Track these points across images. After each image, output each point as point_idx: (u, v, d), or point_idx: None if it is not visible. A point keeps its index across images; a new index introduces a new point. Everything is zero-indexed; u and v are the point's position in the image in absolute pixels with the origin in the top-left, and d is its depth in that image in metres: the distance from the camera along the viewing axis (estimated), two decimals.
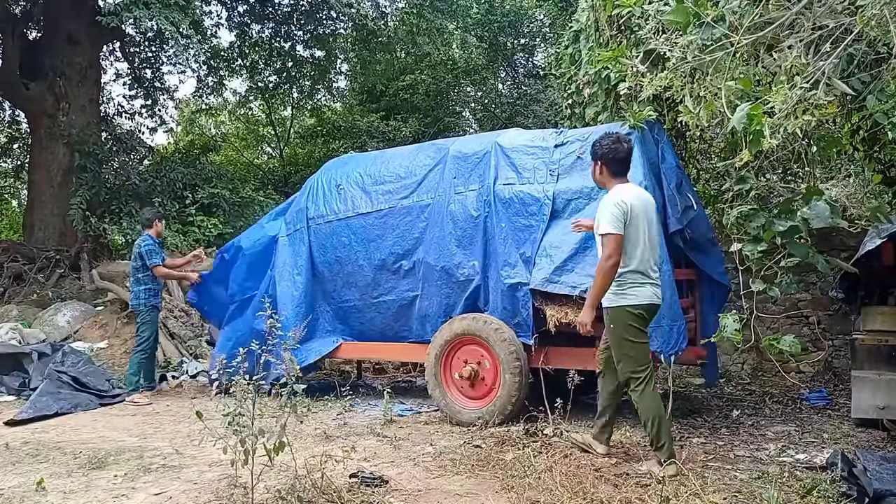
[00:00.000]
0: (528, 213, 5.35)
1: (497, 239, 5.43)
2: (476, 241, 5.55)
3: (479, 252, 5.53)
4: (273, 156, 20.84)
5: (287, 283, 6.51)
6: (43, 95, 12.90)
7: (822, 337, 6.47)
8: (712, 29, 3.49)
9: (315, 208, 6.57)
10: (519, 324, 5.27)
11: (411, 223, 5.98)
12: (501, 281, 5.34)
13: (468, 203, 5.64)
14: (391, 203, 6.11)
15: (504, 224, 5.42)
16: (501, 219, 5.44)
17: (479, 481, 3.91)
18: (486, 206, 5.53)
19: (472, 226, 5.58)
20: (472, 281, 5.54)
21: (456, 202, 5.70)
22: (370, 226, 6.19)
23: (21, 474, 4.35)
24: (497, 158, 5.63)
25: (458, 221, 5.64)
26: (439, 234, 5.74)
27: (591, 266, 4.85)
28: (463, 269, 5.58)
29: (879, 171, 5.56)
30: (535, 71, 17.76)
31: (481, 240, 5.53)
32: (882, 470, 3.45)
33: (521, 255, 5.29)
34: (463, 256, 5.60)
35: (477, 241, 5.55)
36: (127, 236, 11.74)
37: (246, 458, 3.26)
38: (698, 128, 4.44)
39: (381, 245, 6.11)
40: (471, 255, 5.57)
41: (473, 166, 5.74)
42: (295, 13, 15.91)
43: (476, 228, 5.56)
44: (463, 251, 5.60)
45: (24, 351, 7.67)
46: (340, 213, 6.39)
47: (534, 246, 5.23)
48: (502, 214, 5.44)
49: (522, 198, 5.40)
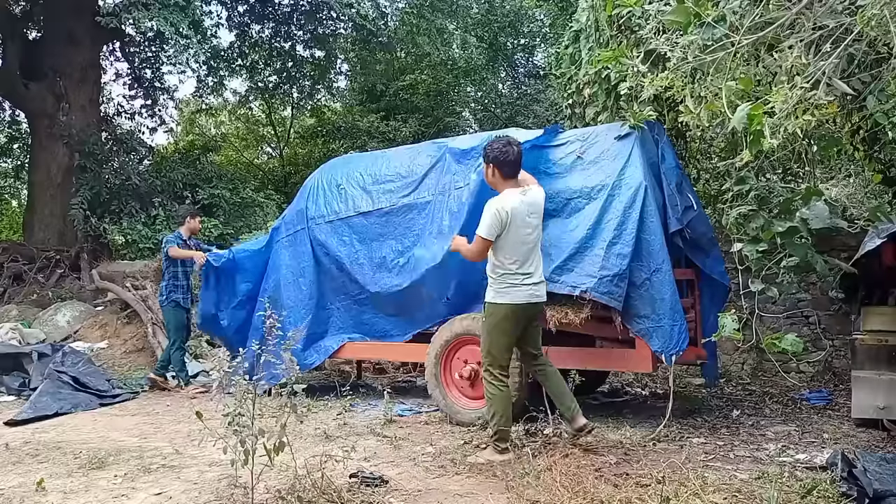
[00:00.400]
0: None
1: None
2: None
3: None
4: (273, 156, 20.86)
5: (291, 284, 6.50)
6: (43, 95, 12.91)
7: (823, 337, 6.47)
8: (713, 29, 3.49)
9: (316, 208, 6.57)
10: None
11: (412, 220, 5.98)
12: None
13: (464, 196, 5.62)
14: (392, 202, 6.11)
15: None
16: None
17: (479, 481, 3.91)
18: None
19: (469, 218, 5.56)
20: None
21: (454, 196, 5.69)
22: (371, 224, 6.18)
23: (21, 474, 4.35)
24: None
25: (455, 214, 5.63)
26: (437, 228, 5.73)
27: (592, 266, 4.86)
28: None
29: (879, 171, 5.57)
30: (535, 71, 17.77)
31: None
32: (882, 471, 3.45)
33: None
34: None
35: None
36: (127, 236, 11.76)
37: (246, 458, 3.26)
38: (699, 128, 4.45)
39: (382, 243, 6.11)
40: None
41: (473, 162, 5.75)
42: (295, 13, 15.93)
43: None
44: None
45: (24, 351, 7.68)
46: (342, 213, 6.38)
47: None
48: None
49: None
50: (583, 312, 4.89)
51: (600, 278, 4.79)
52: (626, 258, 4.79)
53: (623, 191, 4.94)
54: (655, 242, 4.84)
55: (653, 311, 4.81)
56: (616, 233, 4.86)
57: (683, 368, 6.98)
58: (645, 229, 4.85)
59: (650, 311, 4.82)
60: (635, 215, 4.84)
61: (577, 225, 5.06)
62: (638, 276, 4.85)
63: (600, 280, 4.78)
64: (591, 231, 4.94)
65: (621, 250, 4.81)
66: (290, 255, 6.61)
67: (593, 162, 5.19)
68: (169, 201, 12.50)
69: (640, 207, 4.85)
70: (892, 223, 4.68)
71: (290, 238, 6.67)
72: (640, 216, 4.84)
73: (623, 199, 4.91)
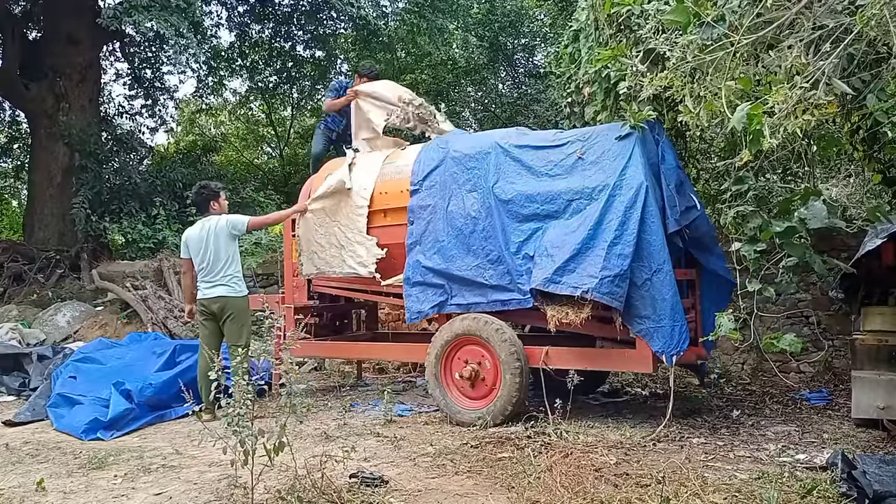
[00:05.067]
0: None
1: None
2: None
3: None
4: (273, 156, 20.85)
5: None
6: (43, 95, 12.91)
7: (822, 337, 6.46)
8: (712, 29, 3.49)
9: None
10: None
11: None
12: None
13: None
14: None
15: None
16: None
17: (478, 481, 3.90)
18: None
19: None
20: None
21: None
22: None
23: (21, 474, 4.36)
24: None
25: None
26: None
27: (593, 266, 4.85)
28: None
29: (879, 171, 5.56)
30: (535, 70, 17.72)
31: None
32: (882, 472, 3.45)
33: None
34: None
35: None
36: (127, 236, 11.76)
37: (246, 458, 3.26)
38: (698, 128, 4.43)
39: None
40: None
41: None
42: (295, 13, 15.94)
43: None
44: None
45: (24, 351, 7.70)
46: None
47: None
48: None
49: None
50: (583, 312, 4.89)
51: (601, 279, 4.78)
52: (627, 258, 4.78)
53: (624, 191, 4.93)
54: (656, 243, 4.83)
55: (654, 312, 4.80)
56: (617, 233, 4.85)
57: (683, 368, 6.98)
58: (646, 229, 4.84)
59: (651, 312, 4.81)
60: (636, 215, 4.83)
61: (579, 226, 5.05)
62: (639, 276, 4.84)
63: (601, 280, 4.77)
64: (593, 231, 4.93)
65: (622, 251, 4.80)
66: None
67: (594, 162, 5.18)
68: (169, 201, 12.50)
69: (642, 208, 4.83)
70: (891, 223, 4.68)
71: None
72: (642, 216, 4.83)
73: (624, 199, 4.91)
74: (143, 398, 5.75)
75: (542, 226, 5.28)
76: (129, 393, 5.73)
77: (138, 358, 6.56)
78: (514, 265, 5.29)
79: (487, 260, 5.44)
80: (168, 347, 6.61)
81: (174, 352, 6.48)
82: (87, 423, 5.40)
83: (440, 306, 5.66)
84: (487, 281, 5.42)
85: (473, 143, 5.90)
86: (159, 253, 11.14)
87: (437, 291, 5.68)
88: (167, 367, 6.25)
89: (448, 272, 5.59)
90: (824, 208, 3.99)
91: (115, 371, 6.18)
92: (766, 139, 3.26)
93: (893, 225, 4.64)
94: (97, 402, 5.66)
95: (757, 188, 4.46)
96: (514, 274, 5.29)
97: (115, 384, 5.76)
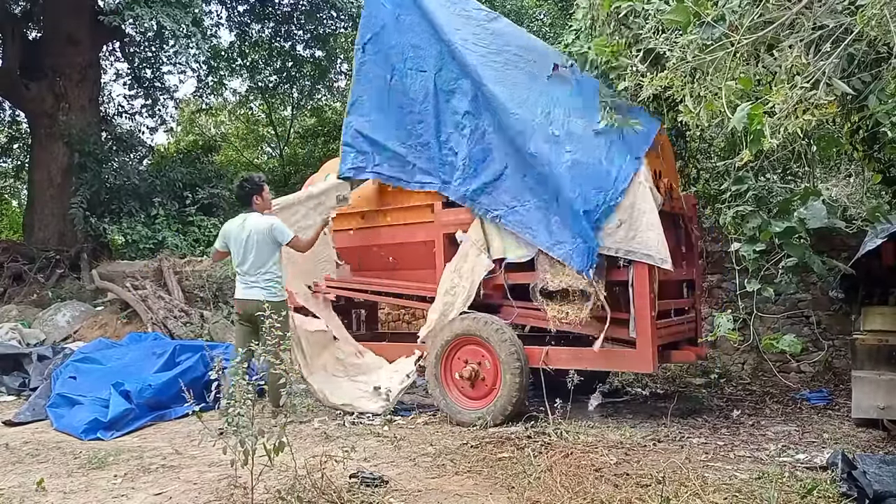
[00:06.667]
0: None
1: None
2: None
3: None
4: (273, 156, 20.84)
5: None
6: (43, 95, 12.91)
7: (823, 337, 6.46)
8: (712, 28, 3.49)
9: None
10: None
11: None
12: None
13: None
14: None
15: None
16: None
17: (478, 481, 3.90)
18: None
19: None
20: None
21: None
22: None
23: (21, 474, 4.36)
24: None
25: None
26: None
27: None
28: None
29: (879, 171, 5.55)
30: None
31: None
32: (882, 472, 3.45)
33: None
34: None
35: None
36: (127, 236, 11.75)
37: (246, 458, 3.26)
38: (698, 128, 4.43)
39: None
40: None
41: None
42: (295, 13, 15.92)
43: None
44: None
45: (24, 351, 7.70)
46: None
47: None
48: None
49: None
50: (583, 312, 4.90)
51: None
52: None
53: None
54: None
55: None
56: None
57: (683, 368, 6.99)
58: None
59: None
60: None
61: None
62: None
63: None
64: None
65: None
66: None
67: None
68: (169, 201, 12.49)
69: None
70: (891, 223, 4.68)
71: None
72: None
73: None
74: (142, 399, 5.75)
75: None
76: (128, 394, 5.73)
77: (138, 358, 6.56)
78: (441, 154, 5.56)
79: (419, 142, 5.68)
80: (168, 348, 6.61)
81: (174, 352, 6.48)
82: (87, 423, 5.40)
83: (358, 171, 5.99)
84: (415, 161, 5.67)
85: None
86: (159, 253, 11.14)
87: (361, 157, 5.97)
88: (167, 368, 6.25)
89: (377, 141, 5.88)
90: (824, 208, 3.99)
91: (115, 371, 6.18)
92: (766, 139, 3.25)
93: (893, 225, 4.64)
94: (97, 402, 5.66)
95: (757, 188, 4.45)
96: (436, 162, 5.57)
97: (114, 385, 5.75)
